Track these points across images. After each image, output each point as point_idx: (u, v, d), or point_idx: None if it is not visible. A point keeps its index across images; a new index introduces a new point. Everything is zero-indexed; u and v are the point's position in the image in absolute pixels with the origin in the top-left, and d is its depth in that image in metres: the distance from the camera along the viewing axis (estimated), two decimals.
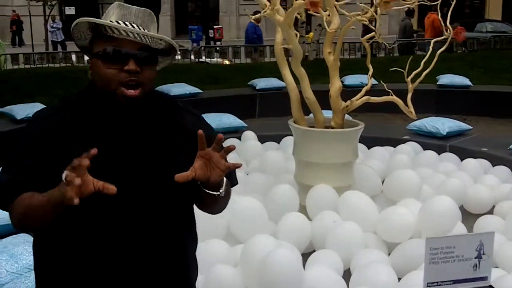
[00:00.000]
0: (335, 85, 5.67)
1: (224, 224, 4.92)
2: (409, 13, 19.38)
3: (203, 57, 17.89)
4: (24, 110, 8.97)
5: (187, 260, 2.44)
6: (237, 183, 2.58)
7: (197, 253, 2.54)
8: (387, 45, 7.59)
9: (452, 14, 5.56)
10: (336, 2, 5.38)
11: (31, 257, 4.02)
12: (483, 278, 3.37)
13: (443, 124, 8.06)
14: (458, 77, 11.89)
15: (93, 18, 2.17)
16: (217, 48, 18.83)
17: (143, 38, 2.17)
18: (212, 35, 26.31)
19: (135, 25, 2.19)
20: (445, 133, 7.92)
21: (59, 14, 31.91)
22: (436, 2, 6.06)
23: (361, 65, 7.02)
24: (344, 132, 5.67)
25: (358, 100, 5.74)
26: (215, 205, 2.42)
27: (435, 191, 5.90)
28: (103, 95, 2.19)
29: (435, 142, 7.87)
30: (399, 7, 6.02)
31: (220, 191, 2.21)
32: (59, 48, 26.47)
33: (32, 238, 2.37)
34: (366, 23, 5.39)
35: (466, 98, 11.37)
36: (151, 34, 2.20)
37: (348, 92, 5.87)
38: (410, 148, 7.49)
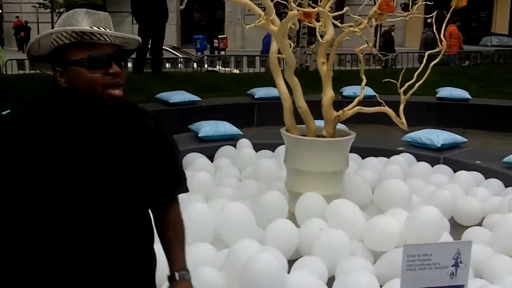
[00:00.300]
0: (328, 95, 5.74)
1: (211, 228, 5.00)
2: (430, 25, 19.45)
3: (217, 66, 18.01)
4: None
5: (149, 255, 2.54)
6: (187, 191, 2.72)
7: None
8: (380, 56, 7.59)
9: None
10: (329, 14, 5.45)
11: None
12: (460, 287, 3.43)
13: (437, 136, 8.10)
14: (458, 90, 11.94)
15: (78, 28, 2.22)
16: (220, 57, 18.93)
17: (117, 40, 2.27)
18: (217, 45, 26.43)
19: (107, 29, 2.27)
20: (439, 145, 7.97)
21: None
22: (430, 15, 6.16)
23: (367, 76, 7.06)
24: (335, 141, 5.74)
25: (350, 110, 5.81)
26: None
27: (425, 202, 5.95)
28: (84, 99, 2.25)
29: (429, 154, 7.90)
30: (393, 19, 6.09)
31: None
32: None
33: None
34: (359, 34, 5.44)
35: (465, 111, 11.43)
36: (126, 35, 2.32)
37: (347, 102, 5.92)
38: (403, 159, 7.53)
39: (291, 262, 4.76)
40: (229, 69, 17.42)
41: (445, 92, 11.87)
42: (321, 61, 5.77)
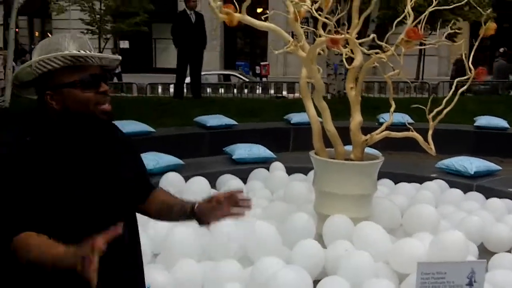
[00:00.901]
0: (356, 119, 5.84)
1: (239, 246, 5.14)
2: (504, 54, 19.43)
3: (284, 92, 18.23)
4: None
5: (140, 255, 2.78)
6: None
7: (209, 271, 2.81)
8: (409, 82, 7.64)
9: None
10: (356, 41, 5.57)
11: None
12: None
13: (471, 164, 8.10)
14: (496, 119, 11.85)
15: (78, 52, 2.38)
16: (260, 84, 19.14)
17: (103, 61, 2.46)
18: (259, 71, 26.68)
19: (92, 52, 2.45)
20: (472, 172, 7.97)
21: (114, 47, 32.71)
22: (459, 42, 6.23)
23: (405, 104, 7.16)
24: (363, 164, 5.83)
25: (378, 134, 5.89)
26: (164, 217, 2.89)
27: (454, 227, 5.97)
28: (80, 118, 2.42)
29: (462, 181, 7.92)
30: (420, 47, 6.17)
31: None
32: (115, 80, 27.14)
33: None
34: (385, 60, 5.53)
35: (503, 140, 11.34)
36: (112, 56, 2.53)
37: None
38: (436, 185, 7.57)
39: (317, 283, 4.84)
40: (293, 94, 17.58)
41: (483, 120, 11.80)
42: (349, 86, 5.88)
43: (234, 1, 5.65)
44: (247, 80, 20.66)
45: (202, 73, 14.87)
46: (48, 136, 2.41)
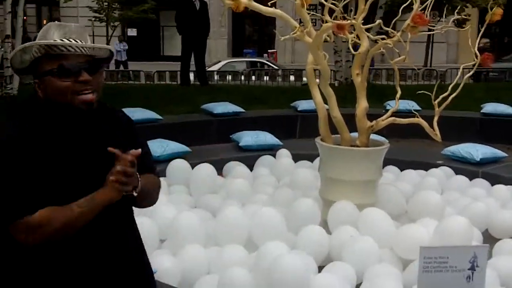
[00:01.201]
0: (362, 105, 5.85)
1: (244, 231, 5.18)
2: None
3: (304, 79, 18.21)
4: None
5: (141, 244, 2.78)
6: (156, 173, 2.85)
7: (215, 256, 2.74)
8: (416, 69, 7.65)
9: None
10: (362, 26, 5.57)
11: None
12: None
13: (477, 151, 8.09)
14: (502, 106, 11.80)
15: (47, 41, 2.41)
16: (267, 71, 19.14)
17: (86, 50, 2.43)
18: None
19: (78, 40, 2.46)
20: (478, 159, 7.96)
21: (121, 34, 32.74)
22: (465, 28, 6.23)
23: (412, 91, 7.15)
24: (368, 151, 5.84)
25: (384, 120, 5.91)
26: (143, 202, 2.70)
27: (459, 214, 5.97)
28: (59, 107, 2.44)
29: (468, 168, 7.91)
30: (427, 32, 6.16)
31: (134, 193, 2.48)
32: (121, 68, 27.20)
33: None
34: (390, 45, 5.54)
35: (510, 127, 11.28)
36: (95, 45, 2.49)
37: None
38: (441, 172, 7.58)
39: (323, 269, 4.88)
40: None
41: (490, 107, 11.77)
42: (355, 72, 5.88)
43: None
44: (276, 67, 20.58)
45: (230, 60, 14.87)
46: (40, 124, 2.45)
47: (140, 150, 2.43)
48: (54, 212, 2.35)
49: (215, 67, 14.39)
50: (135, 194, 2.46)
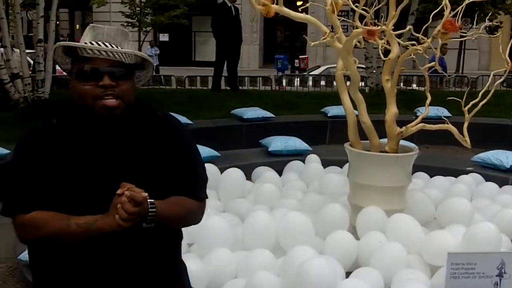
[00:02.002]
0: (391, 111, 5.84)
1: (272, 236, 5.21)
2: None
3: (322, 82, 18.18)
4: None
5: (172, 263, 2.65)
6: (202, 198, 2.66)
7: (242, 261, 2.67)
8: (446, 75, 7.62)
9: None
10: (393, 32, 5.57)
11: None
12: None
13: (507, 157, 8.04)
14: None
15: (67, 42, 2.42)
16: (298, 76, 19.17)
17: (110, 54, 2.36)
18: (298, 65, 26.74)
19: (107, 44, 2.38)
20: (508, 166, 7.91)
21: (153, 39, 32.97)
22: (497, 35, 6.21)
23: (443, 97, 7.13)
24: (397, 157, 5.83)
25: (413, 126, 5.89)
26: (173, 226, 2.58)
27: (488, 220, 5.94)
28: (82, 110, 2.40)
29: (498, 175, 7.86)
30: (457, 39, 6.14)
31: (144, 225, 2.33)
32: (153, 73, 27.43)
33: None
34: (421, 52, 5.53)
35: None
36: (120, 50, 2.39)
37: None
38: (471, 179, 7.53)
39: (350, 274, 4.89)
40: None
41: None
42: (385, 78, 5.88)
43: None
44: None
45: (330, 66, 14.82)
46: (64, 125, 2.44)
47: (144, 194, 2.24)
48: (50, 219, 2.33)
49: (316, 71, 14.49)
50: (144, 225, 2.32)
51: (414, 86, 18.45)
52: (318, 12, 12.87)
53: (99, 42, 2.38)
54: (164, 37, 34.63)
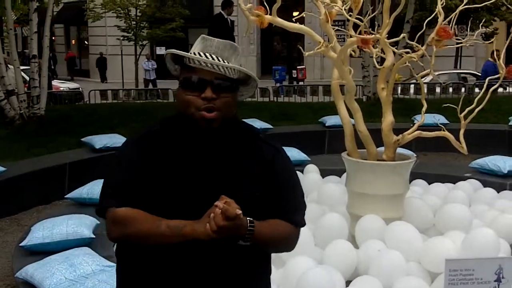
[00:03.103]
0: (387, 120, 5.86)
1: None
2: None
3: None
4: (103, 140, 9.54)
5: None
6: (300, 225, 2.62)
7: None
8: (441, 82, 7.65)
9: None
10: (387, 40, 5.59)
11: (88, 267, 4.43)
12: None
13: (505, 163, 8.07)
14: None
15: (175, 50, 2.42)
16: (295, 87, 19.20)
17: (216, 67, 2.36)
18: (295, 75, 26.80)
19: (214, 56, 2.38)
20: (506, 172, 7.93)
21: (150, 53, 33.04)
22: (489, 41, 6.23)
23: (440, 105, 7.19)
24: (395, 165, 5.83)
25: (410, 134, 5.90)
26: (269, 250, 2.56)
27: (487, 226, 5.94)
28: (185, 118, 2.40)
29: (496, 180, 7.89)
30: (452, 46, 6.16)
31: (242, 242, 2.30)
32: (150, 86, 27.44)
33: (92, 251, 2.59)
34: (415, 60, 5.56)
35: None
36: (225, 64, 2.37)
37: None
38: (469, 185, 7.55)
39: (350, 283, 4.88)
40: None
41: None
42: (381, 86, 5.90)
43: (265, 3, 5.71)
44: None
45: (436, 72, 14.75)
46: (169, 130, 2.47)
47: (238, 211, 2.18)
48: (143, 218, 2.33)
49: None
50: (240, 242, 2.30)
51: (412, 94, 18.51)
52: (315, 22, 12.93)
53: (207, 54, 2.40)
54: (161, 51, 34.62)
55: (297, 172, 7.43)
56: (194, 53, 2.39)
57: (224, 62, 2.38)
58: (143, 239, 2.33)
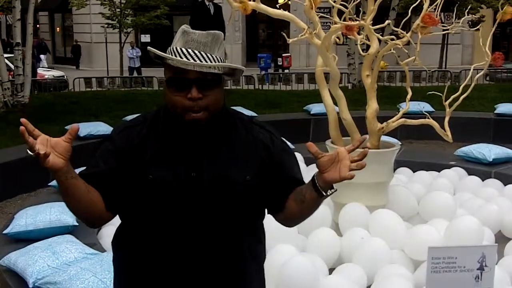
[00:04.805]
0: (372, 107, 5.83)
1: None
2: None
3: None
4: (87, 128, 9.45)
5: (247, 276, 2.54)
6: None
7: None
8: (426, 70, 7.63)
9: None
10: (372, 27, 5.55)
11: (71, 255, 4.39)
12: None
13: (490, 151, 8.06)
14: None
15: (156, 51, 2.31)
16: (281, 75, 19.15)
17: (199, 68, 2.26)
18: (281, 63, 26.71)
19: (197, 52, 2.28)
20: (491, 160, 7.93)
21: (135, 41, 32.80)
22: (476, 28, 6.21)
23: (426, 92, 7.19)
24: (379, 152, 5.82)
25: (395, 122, 5.88)
26: (309, 212, 2.52)
27: (471, 215, 5.93)
28: (173, 115, 2.35)
29: (481, 168, 7.88)
30: (438, 33, 6.13)
31: (331, 191, 2.36)
32: (135, 74, 27.29)
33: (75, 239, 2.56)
34: (400, 46, 5.53)
35: None
36: (209, 64, 2.28)
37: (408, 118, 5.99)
38: (454, 173, 7.55)
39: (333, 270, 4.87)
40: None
41: (504, 108, 11.74)
42: (365, 74, 5.86)
43: None
44: None
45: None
46: (158, 120, 2.44)
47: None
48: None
49: None
50: (331, 193, 2.38)
51: (397, 82, 18.54)
52: (300, 9, 12.89)
53: (189, 51, 2.30)
54: (145, 38, 34.37)
55: None
56: (176, 49, 2.30)
57: (207, 55, 2.30)
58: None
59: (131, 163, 2.36)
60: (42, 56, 32.95)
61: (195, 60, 2.26)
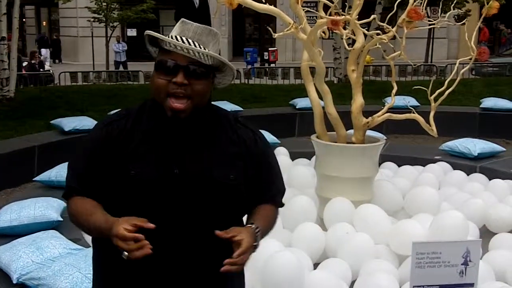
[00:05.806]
0: (357, 102, 5.84)
1: None
2: None
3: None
4: (72, 123, 9.43)
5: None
6: (278, 205, 2.71)
7: None
8: (412, 64, 7.64)
9: None
10: (357, 22, 5.55)
11: (55, 250, 4.38)
12: (470, 285, 3.49)
13: (475, 145, 8.10)
14: (502, 101, 11.84)
15: (152, 32, 2.33)
16: (267, 70, 19.14)
17: (190, 52, 2.26)
18: (267, 57, 26.68)
19: (190, 41, 2.29)
20: (476, 154, 7.97)
21: (121, 35, 32.66)
22: (462, 23, 6.22)
23: (412, 87, 7.21)
24: (364, 147, 5.83)
25: (380, 117, 5.89)
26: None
27: (456, 209, 5.95)
28: (156, 105, 2.34)
29: (465, 163, 7.92)
30: (423, 27, 6.13)
31: (255, 244, 2.36)
32: (121, 68, 27.17)
33: (59, 234, 2.58)
34: (385, 41, 5.53)
35: (509, 121, 11.31)
36: (199, 50, 2.28)
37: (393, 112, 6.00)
38: (439, 167, 7.57)
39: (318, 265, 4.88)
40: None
41: (490, 102, 11.79)
42: (351, 68, 5.87)
43: None
44: None
45: None
46: (141, 115, 2.42)
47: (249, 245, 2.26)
48: (82, 211, 2.36)
49: None
50: (256, 246, 2.40)
51: (383, 76, 18.57)
52: (287, 3, 12.88)
53: (184, 38, 2.30)
54: (132, 32, 34.27)
55: None
56: (171, 36, 2.31)
57: (200, 47, 2.29)
58: (87, 232, 2.45)
59: (113, 158, 2.33)
60: (43, 51, 32.64)
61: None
